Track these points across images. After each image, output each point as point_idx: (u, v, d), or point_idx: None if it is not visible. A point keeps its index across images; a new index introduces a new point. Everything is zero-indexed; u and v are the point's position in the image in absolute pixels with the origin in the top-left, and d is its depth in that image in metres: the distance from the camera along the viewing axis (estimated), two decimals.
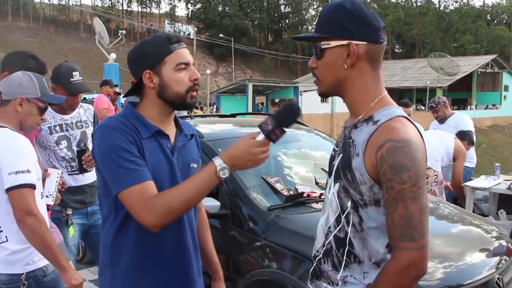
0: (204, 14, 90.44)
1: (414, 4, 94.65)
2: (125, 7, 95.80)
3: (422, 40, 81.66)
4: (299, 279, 2.75)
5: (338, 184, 1.62)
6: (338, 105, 35.41)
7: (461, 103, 48.30)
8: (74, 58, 70.43)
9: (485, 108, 48.68)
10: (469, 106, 48.83)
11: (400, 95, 56.61)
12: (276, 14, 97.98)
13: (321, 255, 1.72)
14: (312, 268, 1.79)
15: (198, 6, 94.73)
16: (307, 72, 66.79)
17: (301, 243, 2.92)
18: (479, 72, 50.23)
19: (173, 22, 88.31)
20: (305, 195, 3.39)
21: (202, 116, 7.82)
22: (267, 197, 3.43)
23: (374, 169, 1.50)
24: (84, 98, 11.38)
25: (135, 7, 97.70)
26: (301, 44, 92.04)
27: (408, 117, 1.58)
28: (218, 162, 1.74)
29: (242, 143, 1.75)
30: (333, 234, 1.66)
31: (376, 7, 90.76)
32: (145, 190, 1.74)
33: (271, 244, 3.05)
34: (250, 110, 31.73)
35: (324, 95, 1.74)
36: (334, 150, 1.78)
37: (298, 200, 3.33)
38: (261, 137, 1.74)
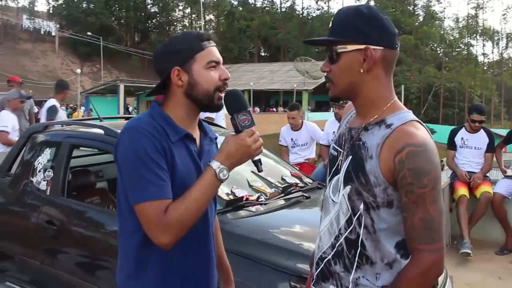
0: (67, 10, 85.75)
1: (279, 10, 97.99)
2: None
3: (286, 44, 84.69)
4: (256, 285, 2.71)
5: (349, 186, 1.62)
6: None
7: (323, 106, 50.85)
8: None
9: None
10: (331, 109, 51.47)
11: (267, 97, 58.42)
12: (143, 14, 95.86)
13: (330, 257, 1.71)
14: (318, 270, 1.77)
15: (60, 1, 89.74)
16: None
17: (252, 247, 2.88)
18: None
19: (32, 17, 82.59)
20: (244, 199, 3.35)
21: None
22: None
23: (390, 173, 1.53)
24: None
25: None
26: None
27: (420, 121, 1.62)
28: (215, 164, 1.71)
29: (233, 139, 1.73)
30: (344, 236, 1.66)
31: (241, 9, 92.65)
32: (163, 208, 1.66)
33: None
34: (121, 111, 30.73)
35: (336, 99, 1.72)
36: (335, 149, 1.78)
37: (238, 204, 3.27)
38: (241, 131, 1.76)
